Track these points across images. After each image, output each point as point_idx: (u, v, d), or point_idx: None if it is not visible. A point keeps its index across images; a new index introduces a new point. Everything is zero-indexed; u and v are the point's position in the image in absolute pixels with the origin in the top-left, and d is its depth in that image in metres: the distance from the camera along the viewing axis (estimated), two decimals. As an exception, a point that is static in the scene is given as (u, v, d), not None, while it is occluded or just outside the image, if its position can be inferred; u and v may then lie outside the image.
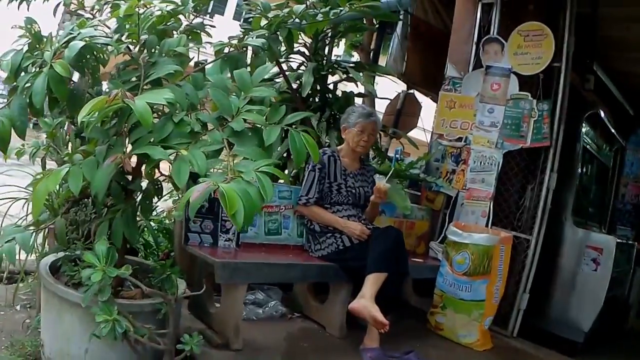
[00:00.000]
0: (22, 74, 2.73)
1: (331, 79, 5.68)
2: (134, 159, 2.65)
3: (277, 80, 5.40)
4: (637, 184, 8.03)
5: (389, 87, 7.73)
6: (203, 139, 2.57)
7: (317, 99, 5.47)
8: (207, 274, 3.63)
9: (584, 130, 5.81)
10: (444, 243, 4.91)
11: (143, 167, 2.87)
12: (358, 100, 5.78)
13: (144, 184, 3.05)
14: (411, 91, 7.44)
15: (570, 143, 5.47)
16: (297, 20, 3.62)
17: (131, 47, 3.06)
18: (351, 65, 5.58)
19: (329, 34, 5.68)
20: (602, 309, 5.16)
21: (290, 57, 5.66)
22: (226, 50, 3.22)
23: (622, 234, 7.59)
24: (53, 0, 3.31)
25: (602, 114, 6.30)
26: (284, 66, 5.48)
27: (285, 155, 4.93)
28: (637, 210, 8.01)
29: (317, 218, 4.26)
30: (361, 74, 5.41)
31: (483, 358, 4.40)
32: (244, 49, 3.24)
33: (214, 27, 3.45)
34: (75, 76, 2.88)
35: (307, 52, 5.62)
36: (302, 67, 5.57)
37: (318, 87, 5.43)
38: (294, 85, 5.25)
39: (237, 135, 2.58)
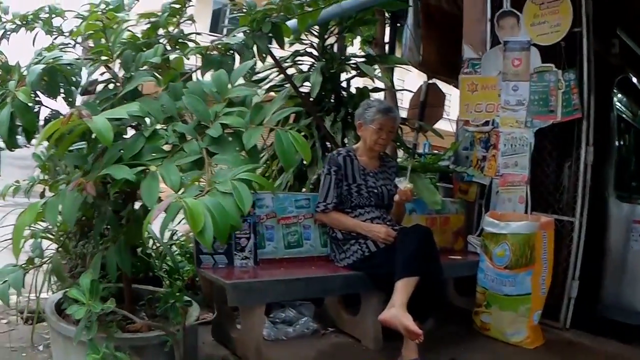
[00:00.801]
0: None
1: (345, 76, 5.53)
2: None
3: (286, 85, 5.19)
4: (676, 149, 7.61)
5: (415, 81, 7.55)
6: (181, 152, 2.35)
7: (330, 99, 5.31)
8: (224, 297, 3.39)
9: (616, 97, 5.53)
10: (482, 236, 4.61)
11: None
12: (377, 96, 5.61)
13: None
14: (432, 81, 7.20)
15: (604, 112, 5.18)
16: (282, 13, 3.37)
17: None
18: (362, 59, 5.35)
19: (335, 31, 5.53)
20: None
21: (299, 60, 5.51)
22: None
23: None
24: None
25: (634, 78, 6.00)
26: (293, 70, 5.37)
27: (304, 162, 4.69)
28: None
29: (338, 224, 3.96)
30: (375, 68, 5.18)
31: (534, 356, 4.09)
32: (230, 51, 3.09)
33: (199, 33, 3.33)
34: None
35: (315, 52, 5.49)
36: (312, 69, 5.38)
37: (330, 87, 5.25)
38: (306, 89, 5.07)
39: (217, 142, 2.35)
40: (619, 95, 5.69)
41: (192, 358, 2.97)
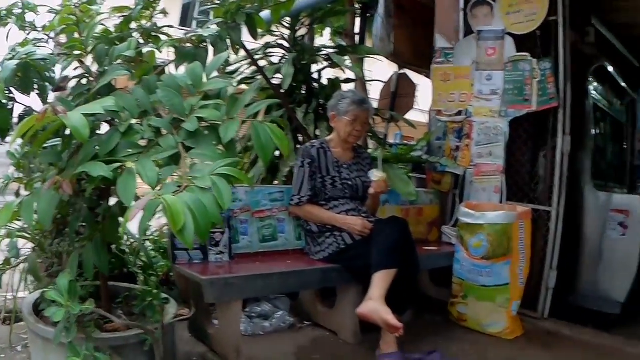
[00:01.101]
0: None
1: (317, 68, 5.53)
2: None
3: (257, 77, 5.21)
4: (653, 138, 7.76)
5: (385, 71, 7.57)
6: (157, 147, 2.34)
7: (302, 91, 5.32)
8: (201, 293, 3.40)
9: (591, 86, 5.62)
10: (457, 226, 4.67)
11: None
12: (348, 87, 5.60)
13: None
14: (403, 71, 7.22)
15: (580, 101, 5.26)
16: (256, 4, 3.38)
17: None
18: (333, 50, 5.40)
19: (307, 22, 5.56)
20: (637, 275, 4.98)
21: (270, 52, 5.51)
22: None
23: (643, 191, 7.38)
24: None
25: (609, 67, 6.10)
26: (264, 62, 5.36)
27: (277, 154, 4.68)
28: (657, 166, 7.76)
29: (313, 217, 3.99)
30: (346, 58, 5.24)
31: (514, 346, 4.15)
32: (204, 43, 3.06)
33: (172, 27, 3.30)
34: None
35: (286, 44, 5.49)
36: (284, 61, 5.39)
37: (302, 78, 5.27)
38: (279, 80, 5.06)
39: (193, 137, 2.34)
40: (595, 84, 5.79)
41: (171, 356, 2.96)
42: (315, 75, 5.49)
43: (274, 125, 2.35)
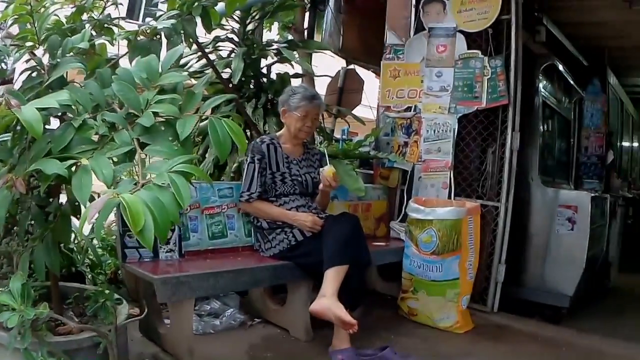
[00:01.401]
0: None
1: (266, 62, 5.57)
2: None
3: (206, 71, 5.21)
4: (599, 134, 8.05)
5: (332, 66, 7.63)
6: (111, 143, 2.30)
7: (251, 85, 5.36)
8: (152, 292, 3.38)
9: (541, 84, 5.76)
10: (405, 222, 4.78)
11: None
12: (296, 82, 5.64)
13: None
14: (351, 67, 7.36)
15: (529, 99, 5.42)
16: None
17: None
18: (283, 45, 5.42)
19: (257, 16, 5.55)
20: (585, 269, 5.12)
21: (220, 46, 5.53)
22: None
23: (590, 187, 7.64)
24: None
25: (559, 66, 6.26)
26: (213, 56, 5.37)
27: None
28: (602, 162, 8.04)
29: (263, 214, 4.03)
30: (295, 53, 5.27)
31: (465, 340, 4.28)
32: (158, 36, 3.06)
33: (124, 18, 3.32)
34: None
35: (236, 38, 5.51)
36: (233, 55, 5.41)
37: (251, 73, 5.31)
38: (226, 75, 5.08)
39: (149, 132, 2.31)
40: (544, 82, 5.93)
41: (124, 357, 2.95)
42: (265, 70, 5.52)
43: (230, 120, 2.34)
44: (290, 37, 7.05)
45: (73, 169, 2.12)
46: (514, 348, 4.20)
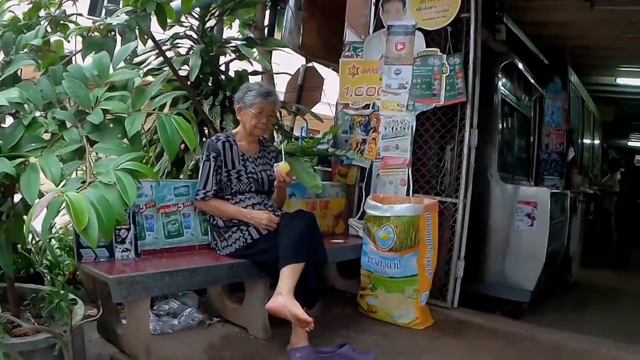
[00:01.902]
0: None
1: (224, 60, 5.57)
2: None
3: (164, 69, 5.16)
4: (559, 132, 8.20)
5: (294, 64, 7.66)
6: (61, 141, 2.30)
7: (209, 83, 5.34)
8: (108, 292, 3.33)
9: (500, 81, 5.83)
10: (363, 219, 4.80)
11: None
12: (255, 79, 5.65)
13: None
14: (311, 64, 7.40)
15: (488, 96, 5.48)
16: None
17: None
18: (242, 42, 5.41)
19: (217, 13, 5.52)
20: (545, 264, 5.21)
21: (178, 43, 5.48)
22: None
23: (551, 183, 7.78)
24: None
25: (519, 64, 6.35)
26: (171, 53, 5.33)
27: (182, 147, 4.67)
28: (563, 159, 8.18)
29: (219, 212, 4.02)
30: (255, 51, 5.27)
31: (425, 336, 4.30)
32: (112, 33, 3.06)
33: (81, 15, 3.32)
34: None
35: (195, 35, 5.47)
36: (191, 52, 5.35)
37: (209, 70, 5.28)
38: (185, 72, 5.03)
39: (98, 130, 2.31)
40: (504, 80, 6.00)
41: (81, 358, 2.92)
42: (223, 68, 5.52)
43: (180, 117, 2.34)
44: (250, 34, 7.06)
45: (22, 167, 2.11)
46: (475, 343, 4.23)
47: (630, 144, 19.22)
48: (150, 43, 4.18)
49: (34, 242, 4.22)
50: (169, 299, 4.23)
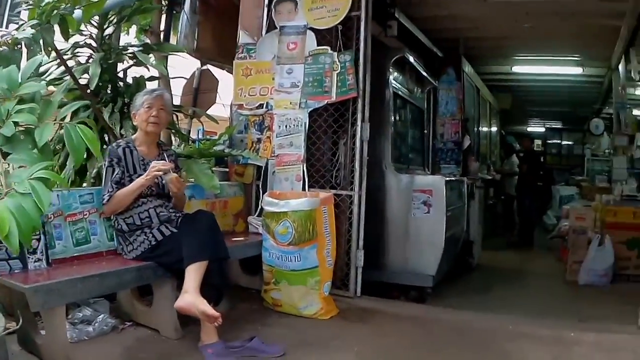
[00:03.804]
0: None
1: (122, 67, 5.63)
2: None
3: (65, 78, 5.23)
4: (454, 121, 8.64)
5: (191, 67, 7.79)
6: None
7: (108, 90, 5.40)
8: (25, 303, 3.41)
9: (392, 76, 6.13)
10: (262, 216, 5.00)
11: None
12: (152, 85, 5.75)
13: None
14: (206, 67, 7.57)
15: (380, 91, 5.77)
16: (69, 5, 3.50)
17: None
18: (138, 49, 5.53)
19: (115, 20, 5.60)
20: (444, 249, 5.52)
21: (78, 52, 5.53)
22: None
23: (448, 171, 8.21)
24: None
25: (410, 58, 6.61)
26: (72, 62, 5.38)
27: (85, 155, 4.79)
28: (459, 147, 8.59)
29: (122, 201, 4.07)
30: (151, 56, 5.39)
31: (331, 325, 4.52)
32: (18, 46, 3.16)
33: None
34: None
35: (94, 44, 5.52)
36: (91, 60, 5.40)
37: (108, 78, 5.34)
38: (85, 80, 5.10)
39: (10, 141, 2.44)
40: (396, 74, 6.33)
41: None
42: (121, 74, 5.59)
43: (84, 126, 2.50)
44: (147, 40, 7.16)
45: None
46: (380, 328, 4.49)
47: (529, 129, 20.09)
48: (53, 53, 4.27)
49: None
50: (81, 307, 4.28)
